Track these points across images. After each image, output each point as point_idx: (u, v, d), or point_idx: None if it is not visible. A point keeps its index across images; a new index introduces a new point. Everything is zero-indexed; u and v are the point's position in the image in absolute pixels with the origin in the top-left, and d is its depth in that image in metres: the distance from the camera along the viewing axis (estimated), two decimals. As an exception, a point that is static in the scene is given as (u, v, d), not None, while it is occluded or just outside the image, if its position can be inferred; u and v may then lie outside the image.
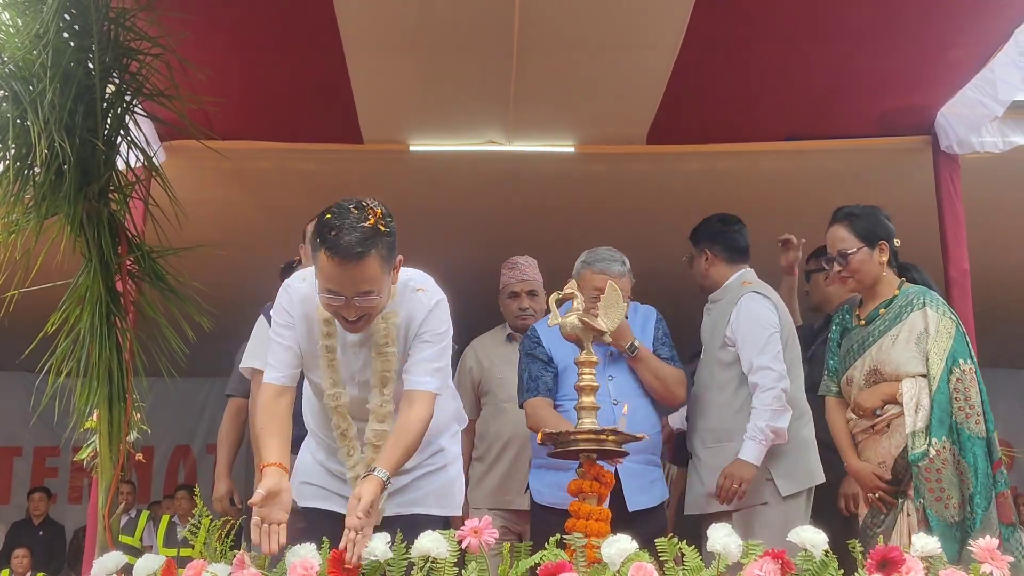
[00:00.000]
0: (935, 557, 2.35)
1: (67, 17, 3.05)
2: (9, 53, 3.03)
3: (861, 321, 3.44)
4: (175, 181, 3.36)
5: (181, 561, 2.56)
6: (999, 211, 5.46)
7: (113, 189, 3.23)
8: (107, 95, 3.16)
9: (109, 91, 3.18)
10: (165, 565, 2.55)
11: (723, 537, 2.30)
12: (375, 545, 2.39)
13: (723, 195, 4.93)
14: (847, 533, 2.89)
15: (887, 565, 2.28)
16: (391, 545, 2.40)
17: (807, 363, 3.90)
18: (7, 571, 7.82)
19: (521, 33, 3.92)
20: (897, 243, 3.44)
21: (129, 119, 3.27)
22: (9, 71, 3.02)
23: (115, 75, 3.19)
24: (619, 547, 2.29)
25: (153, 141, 4.10)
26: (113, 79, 3.19)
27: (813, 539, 2.32)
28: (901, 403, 3.22)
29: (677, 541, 2.34)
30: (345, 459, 2.81)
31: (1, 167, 3.09)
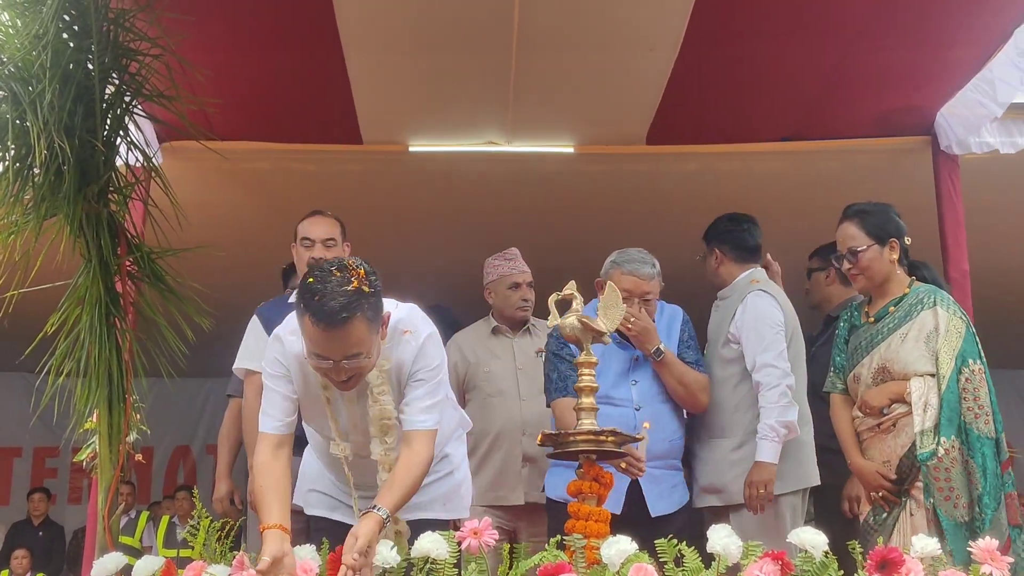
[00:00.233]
0: (936, 558, 2.35)
1: (66, 18, 3.04)
2: (8, 54, 3.02)
3: (870, 318, 3.43)
4: (174, 182, 3.35)
5: (181, 562, 2.57)
6: (999, 211, 5.46)
7: (113, 190, 3.22)
8: (106, 96, 3.15)
9: (108, 92, 3.17)
10: (165, 566, 2.55)
11: (723, 538, 2.30)
12: (382, 551, 2.41)
13: (723, 195, 4.92)
14: (849, 535, 2.88)
15: (886, 566, 2.27)
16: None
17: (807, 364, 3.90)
18: (7, 572, 7.82)
19: (520, 34, 3.92)
20: (908, 241, 3.42)
21: (128, 120, 3.27)
22: (8, 72, 3.01)
23: (114, 76, 3.19)
24: (619, 548, 2.29)
25: (153, 142, 4.11)
26: (112, 80, 3.19)
27: (813, 540, 2.32)
28: (909, 402, 3.22)
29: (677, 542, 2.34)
30: (351, 491, 2.80)
31: (1, 168, 3.09)
